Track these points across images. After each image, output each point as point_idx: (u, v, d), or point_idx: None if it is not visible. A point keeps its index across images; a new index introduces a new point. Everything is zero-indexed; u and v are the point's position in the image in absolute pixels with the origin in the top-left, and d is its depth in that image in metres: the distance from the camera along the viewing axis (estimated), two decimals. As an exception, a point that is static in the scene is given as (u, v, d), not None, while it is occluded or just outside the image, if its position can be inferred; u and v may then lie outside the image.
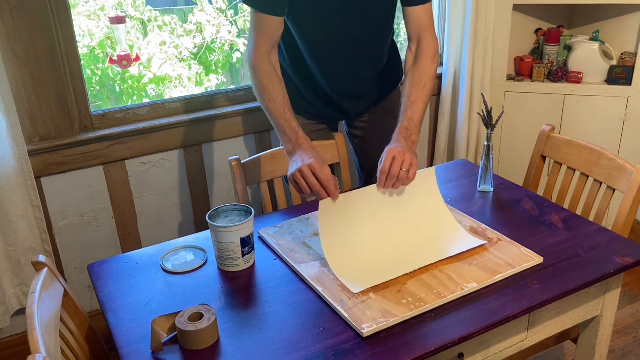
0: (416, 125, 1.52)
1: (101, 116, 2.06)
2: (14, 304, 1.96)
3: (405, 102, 1.55)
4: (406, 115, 1.52)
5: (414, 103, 1.54)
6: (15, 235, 1.87)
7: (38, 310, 1.11)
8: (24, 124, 1.88)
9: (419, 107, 1.54)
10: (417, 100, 1.54)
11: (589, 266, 1.33)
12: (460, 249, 1.39)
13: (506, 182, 1.77)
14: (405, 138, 1.48)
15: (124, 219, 2.17)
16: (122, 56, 2.52)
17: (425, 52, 1.61)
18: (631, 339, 2.18)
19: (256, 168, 1.77)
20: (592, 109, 2.54)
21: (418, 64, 1.60)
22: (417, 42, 1.63)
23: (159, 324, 1.14)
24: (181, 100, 2.19)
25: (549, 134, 1.84)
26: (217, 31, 3.16)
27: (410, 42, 1.65)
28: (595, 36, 2.59)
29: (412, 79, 1.59)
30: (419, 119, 1.53)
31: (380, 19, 1.68)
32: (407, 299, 1.23)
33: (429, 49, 1.61)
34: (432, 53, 1.61)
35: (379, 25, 1.70)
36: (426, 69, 1.59)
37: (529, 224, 1.53)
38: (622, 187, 1.62)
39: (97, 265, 1.43)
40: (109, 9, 2.92)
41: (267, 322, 1.19)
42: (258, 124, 2.29)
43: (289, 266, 1.38)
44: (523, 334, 1.32)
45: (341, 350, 1.11)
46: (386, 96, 1.90)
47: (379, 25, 1.70)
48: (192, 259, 1.44)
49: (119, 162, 2.10)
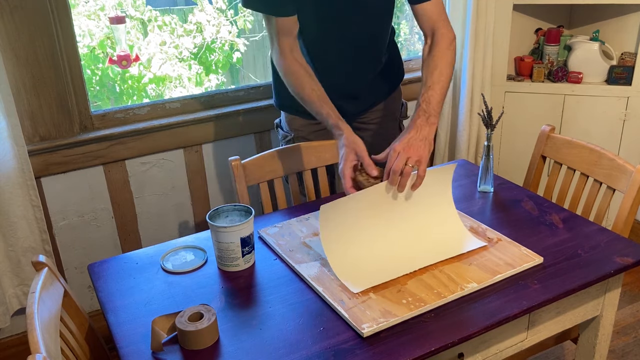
0: (434, 108, 1.44)
1: (101, 116, 2.06)
2: (14, 304, 1.96)
3: (422, 88, 1.49)
4: (423, 98, 1.46)
5: (431, 87, 1.47)
6: (15, 235, 1.88)
7: (38, 310, 1.11)
8: (24, 124, 1.88)
9: (436, 90, 1.47)
10: (433, 84, 1.48)
11: (589, 266, 1.33)
12: (462, 250, 1.39)
13: (506, 182, 1.77)
14: (422, 123, 1.41)
15: (124, 219, 2.17)
16: (122, 56, 2.52)
17: (439, 41, 1.56)
18: (631, 339, 2.18)
19: (256, 168, 1.78)
20: (592, 109, 2.54)
21: (432, 52, 1.55)
22: (431, 36, 1.58)
23: (159, 324, 1.14)
24: (181, 100, 2.19)
25: (549, 134, 1.84)
26: (217, 31, 3.16)
27: (425, 37, 1.60)
28: (595, 36, 2.59)
29: (427, 67, 1.53)
30: (437, 102, 1.45)
31: (378, 19, 1.68)
32: (407, 299, 1.23)
33: (443, 38, 1.56)
34: (447, 41, 1.56)
35: (378, 25, 1.70)
36: (441, 55, 1.53)
37: (529, 224, 1.53)
38: (622, 187, 1.62)
39: (97, 265, 1.43)
40: (109, 9, 2.92)
41: (267, 322, 1.19)
42: (258, 124, 2.29)
43: (289, 266, 1.38)
44: (523, 334, 1.32)
45: (341, 350, 1.11)
46: (387, 96, 1.90)
47: (377, 26, 1.70)
48: (192, 259, 1.44)
49: (119, 162, 2.10)
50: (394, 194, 1.39)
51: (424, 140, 1.39)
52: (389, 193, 1.38)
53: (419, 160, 1.35)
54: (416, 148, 1.36)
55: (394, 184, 1.35)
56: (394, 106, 1.94)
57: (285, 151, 1.82)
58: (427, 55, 1.56)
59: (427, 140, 1.39)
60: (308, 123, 1.86)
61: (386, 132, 1.93)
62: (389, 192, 1.38)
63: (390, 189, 1.37)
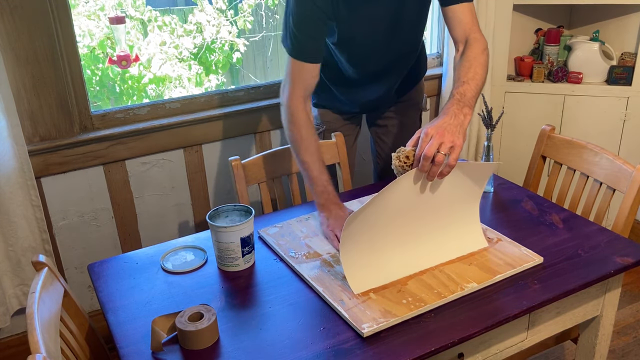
0: (470, 100, 1.35)
1: (101, 116, 2.06)
2: (14, 304, 1.96)
3: (455, 84, 1.41)
4: (457, 91, 1.36)
5: (466, 82, 1.38)
6: (15, 235, 1.87)
7: (38, 310, 1.11)
8: (24, 124, 1.88)
9: (471, 85, 1.38)
10: (468, 80, 1.39)
11: (589, 266, 1.33)
12: (467, 250, 1.38)
13: (506, 182, 1.77)
14: (457, 111, 1.30)
15: (124, 219, 2.17)
16: (122, 56, 2.52)
17: (473, 45, 1.48)
18: (631, 339, 2.18)
19: (256, 168, 1.78)
20: (592, 109, 2.54)
21: (466, 54, 1.47)
22: (464, 42, 1.52)
23: (159, 324, 1.14)
24: (181, 100, 2.19)
25: (549, 134, 1.84)
26: (217, 31, 3.16)
27: (457, 44, 1.54)
28: (595, 36, 2.59)
29: (461, 67, 1.45)
30: (472, 96, 1.36)
31: (416, 26, 1.69)
32: (407, 299, 1.22)
33: (477, 43, 1.49)
34: (481, 46, 1.49)
35: (415, 32, 1.72)
36: (475, 56, 1.46)
37: (529, 224, 1.53)
38: (622, 187, 1.62)
39: (97, 265, 1.43)
40: (109, 9, 2.92)
41: (267, 322, 1.19)
42: (258, 124, 2.29)
43: (289, 266, 1.38)
44: (523, 334, 1.32)
45: (341, 350, 1.10)
46: (411, 88, 1.93)
47: (415, 32, 1.71)
48: (192, 259, 1.44)
49: (119, 162, 2.09)
50: (421, 185, 1.28)
51: (459, 127, 1.27)
52: (416, 184, 1.27)
53: (452, 147, 1.23)
54: (451, 133, 1.25)
55: (425, 170, 1.23)
56: (417, 97, 1.99)
57: (285, 151, 1.82)
58: (460, 59, 1.49)
59: (463, 128, 1.28)
60: (338, 117, 1.93)
61: (408, 121, 1.98)
62: (417, 182, 1.27)
63: (419, 178, 1.27)
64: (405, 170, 1.26)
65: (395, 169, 1.28)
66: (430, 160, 1.22)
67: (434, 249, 1.37)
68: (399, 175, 1.27)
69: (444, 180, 1.30)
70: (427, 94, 2.62)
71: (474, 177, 1.36)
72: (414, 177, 1.26)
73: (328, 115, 1.92)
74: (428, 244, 1.36)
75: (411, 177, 1.26)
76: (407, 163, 1.27)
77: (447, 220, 1.38)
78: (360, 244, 1.27)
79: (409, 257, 1.34)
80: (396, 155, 1.28)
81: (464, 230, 1.41)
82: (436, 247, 1.37)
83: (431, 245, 1.37)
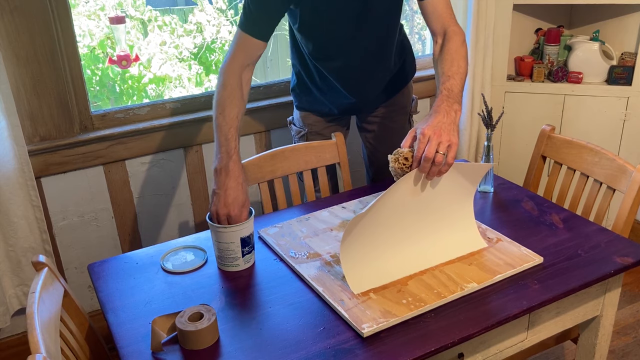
0: (457, 95, 1.38)
1: (101, 116, 2.06)
2: (14, 304, 1.96)
3: (440, 80, 1.43)
4: (444, 87, 1.39)
5: (451, 77, 1.41)
6: (15, 235, 1.87)
7: (38, 310, 1.11)
8: (24, 124, 1.88)
9: (456, 80, 1.41)
10: (453, 74, 1.42)
11: (589, 266, 1.33)
12: (466, 250, 1.38)
13: (506, 182, 1.77)
14: (448, 109, 1.33)
15: (124, 219, 2.17)
16: (122, 56, 2.52)
17: (452, 38, 1.51)
18: (631, 339, 2.18)
19: (256, 168, 1.78)
20: (592, 109, 2.54)
21: (446, 47, 1.50)
22: (442, 35, 1.54)
23: (159, 324, 1.14)
24: (181, 100, 2.19)
25: (549, 134, 1.84)
26: (217, 31, 3.16)
27: (436, 36, 1.56)
28: (595, 36, 2.59)
29: (443, 61, 1.47)
30: (458, 91, 1.39)
31: (386, 22, 1.68)
32: (407, 299, 1.22)
33: (456, 35, 1.51)
34: (460, 38, 1.51)
35: (386, 29, 1.70)
36: (456, 50, 1.48)
37: (529, 224, 1.53)
38: (622, 187, 1.62)
39: (97, 265, 1.43)
40: (109, 9, 2.92)
41: (267, 322, 1.19)
42: (258, 124, 2.29)
43: (289, 266, 1.38)
44: (523, 334, 1.32)
45: (341, 350, 1.10)
46: (397, 92, 1.91)
47: (386, 28, 1.70)
48: (192, 259, 1.44)
49: (119, 162, 2.10)
50: (421, 185, 1.30)
51: (452, 125, 1.30)
52: (416, 185, 1.29)
53: (449, 146, 1.26)
54: (447, 132, 1.27)
55: (425, 171, 1.26)
56: (404, 101, 1.95)
57: (285, 151, 1.82)
58: (440, 52, 1.52)
59: (456, 125, 1.31)
60: (321, 120, 1.91)
61: (396, 125, 1.95)
62: (417, 183, 1.29)
63: (419, 179, 1.29)
64: (404, 172, 1.27)
65: (393, 170, 1.29)
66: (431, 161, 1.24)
67: (433, 248, 1.37)
68: (398, 177, 1.28)
69: (442, 179, 1.31)
70: (425, 95, 2.63)
71: (468, 176, 1.37)
72: (415, 177, 1.28)
73: (310, 117, 1.91)
74: (427, 244, 1.37)
75: (411, 179, 1.27)
76: (407, 165, 1.28)
77: (446, 219, 1.39)
78: (360, 244, 1.28)
79: (408, 257, 1.34)
80: (394, 158, 1.28)
81: (461, 228, 1.42)
82: (436, 247, 1.37)
83: (431, 245, 1.37)
